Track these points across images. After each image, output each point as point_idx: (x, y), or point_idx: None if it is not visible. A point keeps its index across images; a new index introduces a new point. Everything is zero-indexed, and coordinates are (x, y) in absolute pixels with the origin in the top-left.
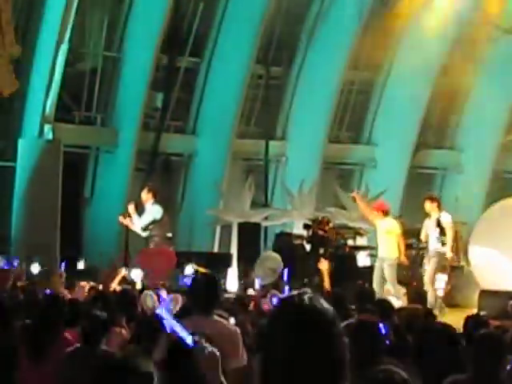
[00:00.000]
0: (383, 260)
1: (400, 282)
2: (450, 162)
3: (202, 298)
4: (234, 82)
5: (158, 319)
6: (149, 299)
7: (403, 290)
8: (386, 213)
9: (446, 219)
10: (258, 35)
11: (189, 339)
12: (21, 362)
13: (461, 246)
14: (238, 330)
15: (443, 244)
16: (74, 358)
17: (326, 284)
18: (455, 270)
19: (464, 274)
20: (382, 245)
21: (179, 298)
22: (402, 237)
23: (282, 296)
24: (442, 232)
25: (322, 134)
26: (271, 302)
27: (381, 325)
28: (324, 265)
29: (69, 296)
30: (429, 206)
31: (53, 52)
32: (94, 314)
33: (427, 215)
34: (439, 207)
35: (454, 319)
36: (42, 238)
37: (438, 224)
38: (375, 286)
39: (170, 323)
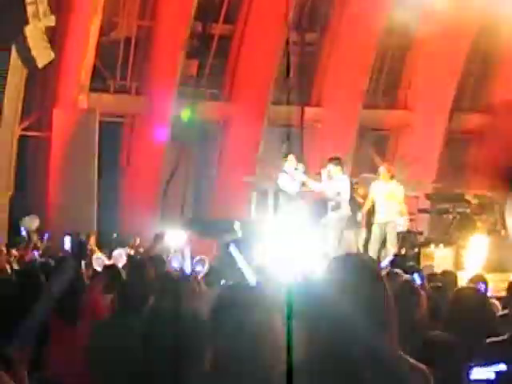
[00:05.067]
0: (386, 224)
1: None
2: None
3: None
4: (268, 48)
5: (230, 254)
6: (175, 260)
7: None
8: (392, 176)
9: None
10: (292, 0)
11: (252, 278)
12: (53, 322)
13: None
14: None
15: None
16: (105, 326)
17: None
18: (493, 234)
19: (501, 237)
20: (385, 208)
21: (206, 259)
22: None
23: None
24: None
25: (357, 99)
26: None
27: (416, 275)
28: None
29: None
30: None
31: (86, 22)
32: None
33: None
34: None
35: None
36: (78, 208)
37: None
38: (372, 253)
39: (239, 260)
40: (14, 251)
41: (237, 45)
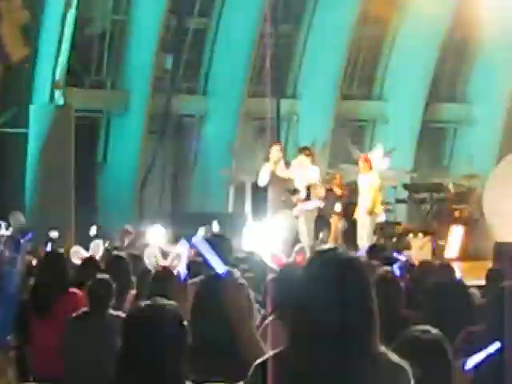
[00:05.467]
0: (363, 217)
1: None
2: (461, 115)
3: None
4: (243, 41)
5: (195, 248)
6: (152, 256)
7: None
8: (371, 167)
9: None
10: None
11: (221, 269)
12: (30, 318)
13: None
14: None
15: None
16: (80, 321)
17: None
18: (470, 223)
19: (479, 226)
20: (365, 199)
21: (182, 254)
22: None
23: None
24: None
25: (332, 91)
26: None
27: (395, 266)
28: (335, 220)
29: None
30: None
31: (61, 17)
32: (102, 278)
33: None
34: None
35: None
36: (55, 203)
37: None
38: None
39: (205, 253)
40: None
41: (212, 38)
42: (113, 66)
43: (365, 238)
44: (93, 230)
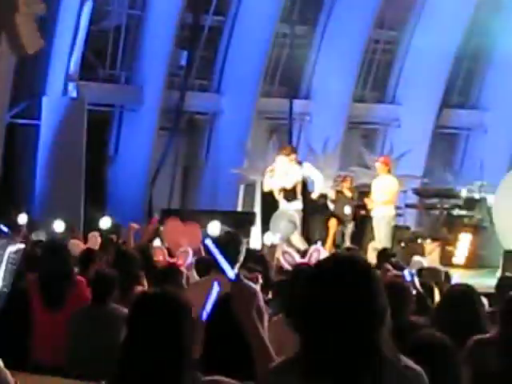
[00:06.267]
0: (381, 219)
1: None
2: (474, 122)
3: (224, 256)
4: (258, 40)
5: (206, 249)
6: (158, 252)
7: None
8: (389, 170)
9: None
10: None
11: (230, 273)
12: (36, 309)
13: None
14: (259, 289)
15: None
16: (84, 315)
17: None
18: (479, 230)
19: (488, 234)
20: (381, 202)
21: (190, 250)
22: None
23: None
24: None
25: (346, 93)
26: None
27: (406, 272)
28: (333, 223)
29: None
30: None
31: (77, 10)
32: (104, 271)
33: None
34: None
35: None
36: (66, 196)
37: None
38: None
39: (216, 255)
40: None
41: (227, 36)
42: (127, 61)
43: (383, 241)
44: (105, 222)
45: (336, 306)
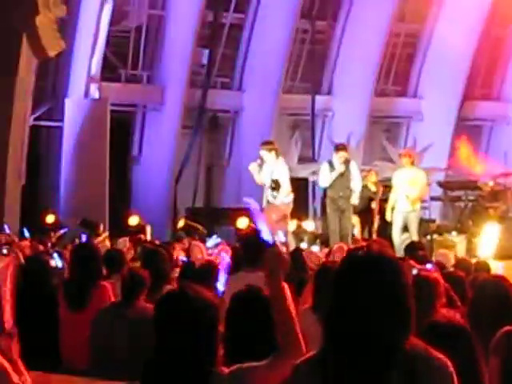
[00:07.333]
0: (409, 212)
1: None
2: (497, 113)
3: (252, 252)
4: (279, 36)
5: (252, 215)
6: (196, 250)
7: None
8: (413, 162)
9: None
10: None
11: (269, 238)
12: (60, 311)
13: None
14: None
15: None
16: (109, 312)
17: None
18: (505, 221)
19: None
20: (407, 195)
21: (228, 248)
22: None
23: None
24: None
25: (368, 87)
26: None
27: (429, 265)
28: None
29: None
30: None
31: (97, 11)
32: (135, 270)
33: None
34: None
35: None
36: (91, 196)
37: None
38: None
39: (259, 221)
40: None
41: (247, 33)
42: (149, 61)
43: (415, 234)
44: (132, 221)
45: (363, 305)
